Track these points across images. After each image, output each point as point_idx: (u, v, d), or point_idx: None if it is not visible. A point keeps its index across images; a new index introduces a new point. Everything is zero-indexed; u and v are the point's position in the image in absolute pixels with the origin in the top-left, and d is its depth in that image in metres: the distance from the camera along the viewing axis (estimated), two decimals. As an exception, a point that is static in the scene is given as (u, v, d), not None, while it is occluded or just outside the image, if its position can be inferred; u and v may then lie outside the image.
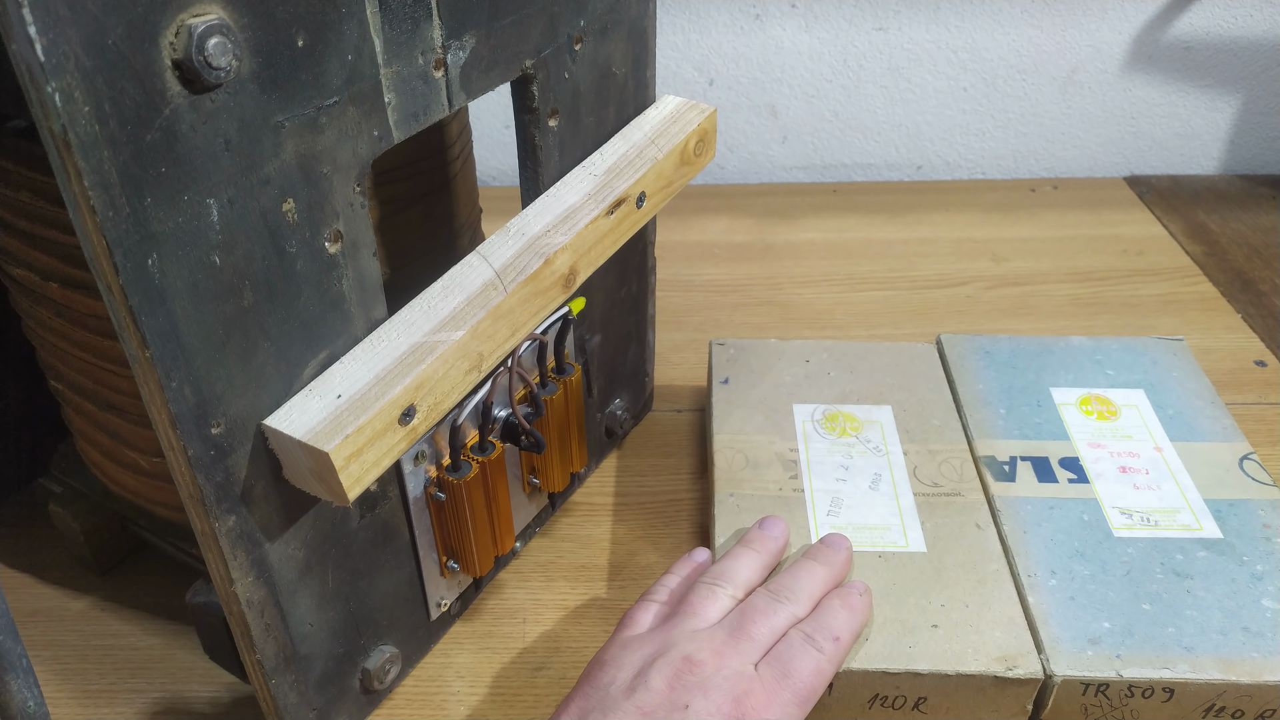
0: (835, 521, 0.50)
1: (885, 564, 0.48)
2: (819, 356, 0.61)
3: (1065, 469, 0.53)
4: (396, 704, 0.47)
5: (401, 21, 0.35)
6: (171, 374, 0.31)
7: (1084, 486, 0.52)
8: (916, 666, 0.43)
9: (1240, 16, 0.89)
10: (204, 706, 0.48)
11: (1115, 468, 0.53)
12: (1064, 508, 0.51)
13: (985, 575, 0.47)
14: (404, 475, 0.43)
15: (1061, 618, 0.45)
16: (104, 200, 0.27)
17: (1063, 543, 0.49)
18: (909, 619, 0.45)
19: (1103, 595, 0.46)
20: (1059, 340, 0.62)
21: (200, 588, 0.43)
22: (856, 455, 0.54)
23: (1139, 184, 0.93)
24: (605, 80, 0.47)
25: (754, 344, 0.62)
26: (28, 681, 0.31)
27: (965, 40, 0.90)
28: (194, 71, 0.28)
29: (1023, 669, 0.43)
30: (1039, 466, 0.53)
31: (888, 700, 0.44)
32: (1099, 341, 0.62)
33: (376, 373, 0.36)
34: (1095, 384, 0.59)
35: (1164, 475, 0.52)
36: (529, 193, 0.46)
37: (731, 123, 0.94)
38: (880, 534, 0.50)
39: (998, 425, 0.56)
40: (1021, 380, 0.59)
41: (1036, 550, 0.48)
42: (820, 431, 0.56)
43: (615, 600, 0.52)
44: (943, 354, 0.61)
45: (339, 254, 0.35)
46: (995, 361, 0.60)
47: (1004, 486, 0.52)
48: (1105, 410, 0.57)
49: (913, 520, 0.50)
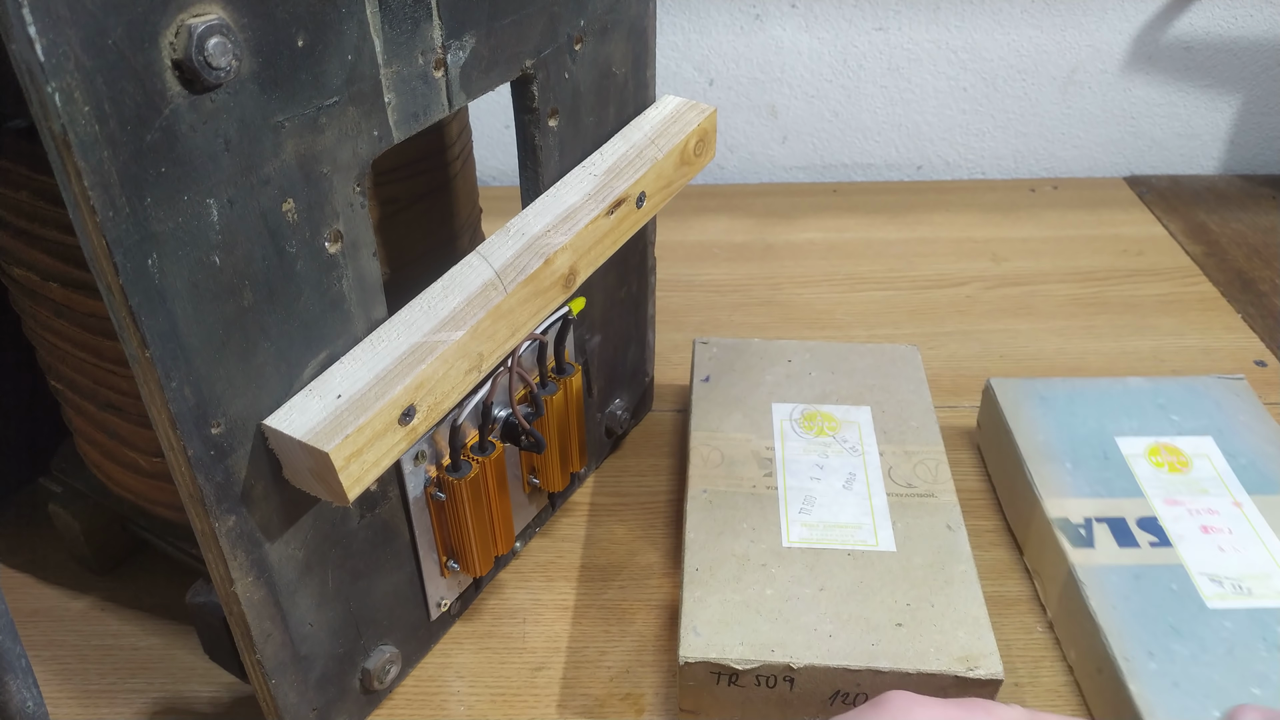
0: (806, 519, 0.50)
1: (854, 562, 0.48)
2: (801, 357, 0.61)
3: (1145, 531, 0.50)
4: (396, 704, 0.47)
5: (401, 21, 0.35)
6: (171, 374, 0.31)
7: (1167, 550, 0.49)
8: (878, 664, 0.43)
9: (1240, 16, 0.89)
10: (204, 706, 0.48)
11: (1196, 527, 0.50)
12: (1150, 576, 0.47)
13: (953, 576, 0.47)
14: (404, 475, 0.43)
15: (1168, 708, 0.42)
16: (104, 200, 0.27)
17: (1155, 618, 0.45)
18: (874, 617, 0.45)
19: (1208, 679, 0.43)
20: (1116, 383, 0.59)
21: (200, 588, 0.43)
22: (832, 454, 0.54)
23: (1139, 184, 0.93)
24: (605, 80, 0.47)
25: (737, 343, 0.62)
26: (27, 681, 0.31)
27: (965, 40, 0.90)
28: (194, 71, 0.28)
29: (984, 669, 0.43)
30: (1117, 529, 0.50)
31: (849, 697, 0.44)
32: (1158, 383, 0.59)
33: (376, 373, 0.36)
34: (1162, 431, 0.55)
35: (1248, 535, 0.49)
36: (529, 193, 0.46)
37: (731, 123, 0.94)
38: (851, 532, 0.50)
39: (1066, 482, 0.53)
40: (1084, 429, 0.56)
41: (1130, 628, 0.45)
42: (798, 430, 0.56)
43: (615, 600, 0.52)
44: (994, 399, 0.59)
45: (339, 254, 0.35)
46: (1053, 408, 0.57)
47: (1084, 554, 0.49)
48: (1176, 461, 0.54)
49: (884, 520, 0.50)
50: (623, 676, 0.49)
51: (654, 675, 0.49)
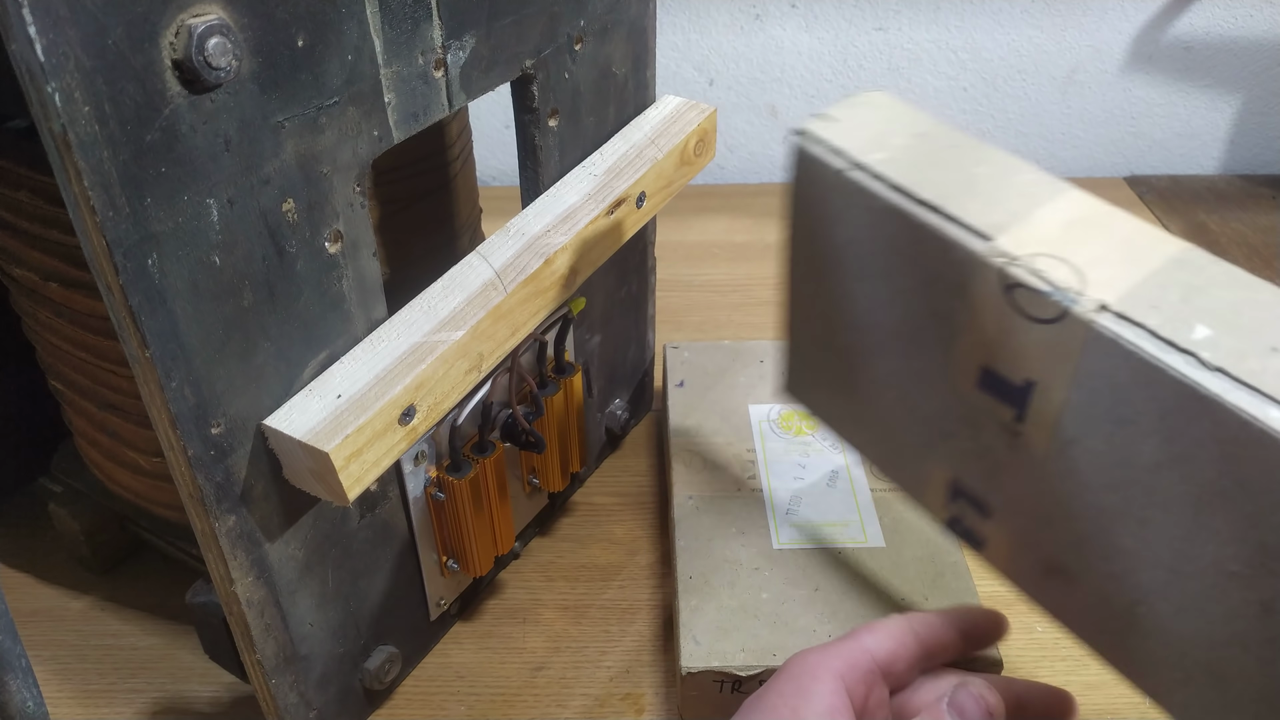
0: (794, 520, 0.50)
1: (845, 560, 0.48)
2: (773, 357, 0.61)
3: None
4: (396, 704, 0.47)
5: (401, 21, 0.35)
6: (171, 374, 0.31)
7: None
8: None
9: (1240, 16, 0.89)
10: (204, 706, 0.48)
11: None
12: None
13: (944, 568, 0.48)
14: (404, 475, 0.43)
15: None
16: (104, 200, 0.27)
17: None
18: (869, 615, 0.45)
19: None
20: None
21: (200, 588, 0.43)
22: (813, 453, 0.54)
23: (1139, 184, 0.93)
24: (605, 80, 0.47)
25: (708, 346, 0.63)
26: (27, 681, 0.31)
27: (965, 40, 0.90)
28: (194, 71, 0.28)
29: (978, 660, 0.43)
30: None
31: None
32: None
33: (376, 373, 0.36)
34: None
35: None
36: (529, 193, 0.46)
37: (731, 123, 0.94)
38: (839, 530, 0.50)
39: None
40: None
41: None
42: (776, 431, 0.56)
43: (615, 600, 0.52)
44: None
45: (339, 254, 0.35)
46: None
47: None
48: None
49: (870, 516, 0.50)
50: (623, 676, 0.48)
51: (654, 675, 0.48)
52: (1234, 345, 0.27)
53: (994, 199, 0.32)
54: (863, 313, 0.37)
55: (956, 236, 0.32)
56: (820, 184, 0.36)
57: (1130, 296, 0.29)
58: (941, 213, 0.32)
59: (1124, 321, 0.28)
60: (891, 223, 0.34)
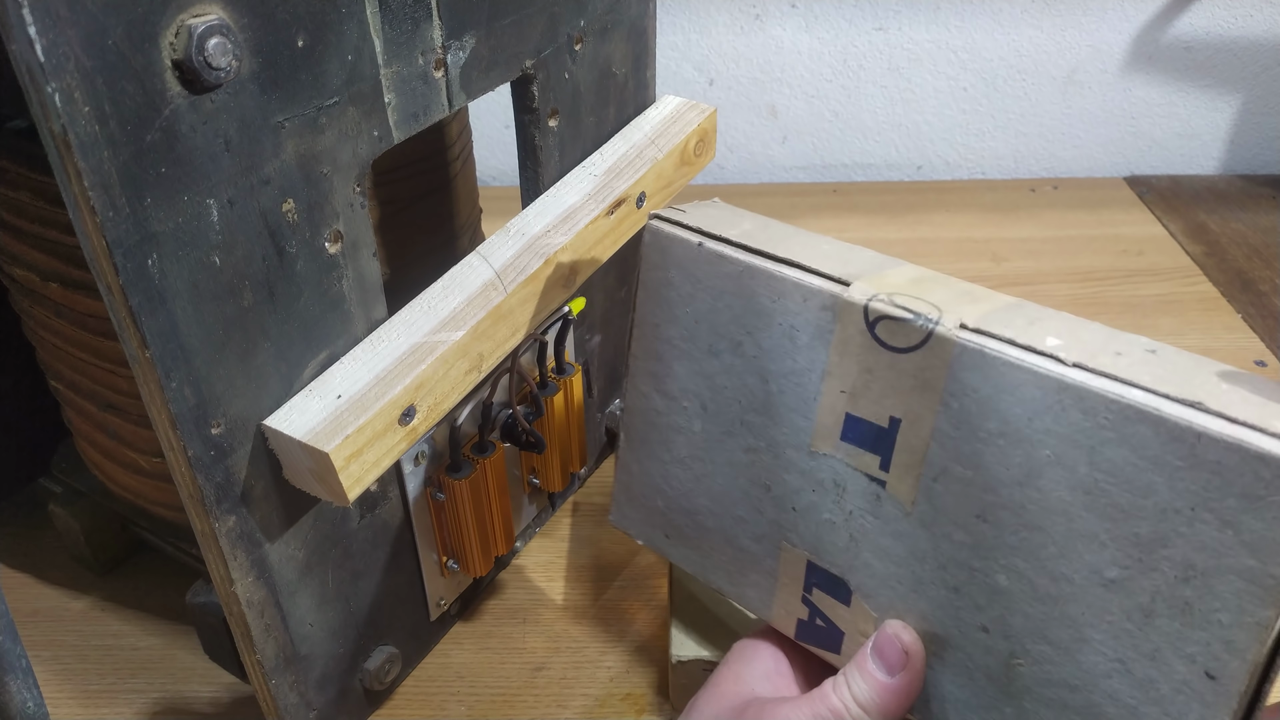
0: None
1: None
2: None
3: None
4: (396, 704, 0.47)
5: (401, 22, 0.35)
6: (171, 374, 0.31)
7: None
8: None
9: (1240, 16, 0.89)
10: (204, 706, 0.48)
11: None
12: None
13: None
14: (404, 475, 0.43)
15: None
16: (104, 200, 0.27)
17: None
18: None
19: None
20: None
21: (200, 588, 0.43)
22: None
23: (1139, 184, 0.93)
24: (605, 80, 0.47)
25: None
26: (27, 682, 0.31)
27: (965, 40, 0.90)
28: (194, 72, 0.28)
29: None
30: None
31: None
32: None
33: (376, 373, 0.36)
34: None
35: None
36: (529, 193, 0.46)
37: (731, 123, 0.94)
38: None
39: None
40: None
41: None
42: None
43: (615, 600, 0.52)
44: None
45: (339, 254, 0.35)
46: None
47: None
48: None
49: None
50: (623, 676, 0.49)
51: (654, 675, 0.48)
52: (1083, 350, 0.30)
53: (845, 261, 0.36)
54: (715, 392, 0.38)
55: (819, 285, 0.34)
56: (676, 263, 0.38)
57: (984, 319, 0.31)
58: (803, 268, 0.35)
59: (985, 335, 0.31)
60: (753, 283, 0.36)
